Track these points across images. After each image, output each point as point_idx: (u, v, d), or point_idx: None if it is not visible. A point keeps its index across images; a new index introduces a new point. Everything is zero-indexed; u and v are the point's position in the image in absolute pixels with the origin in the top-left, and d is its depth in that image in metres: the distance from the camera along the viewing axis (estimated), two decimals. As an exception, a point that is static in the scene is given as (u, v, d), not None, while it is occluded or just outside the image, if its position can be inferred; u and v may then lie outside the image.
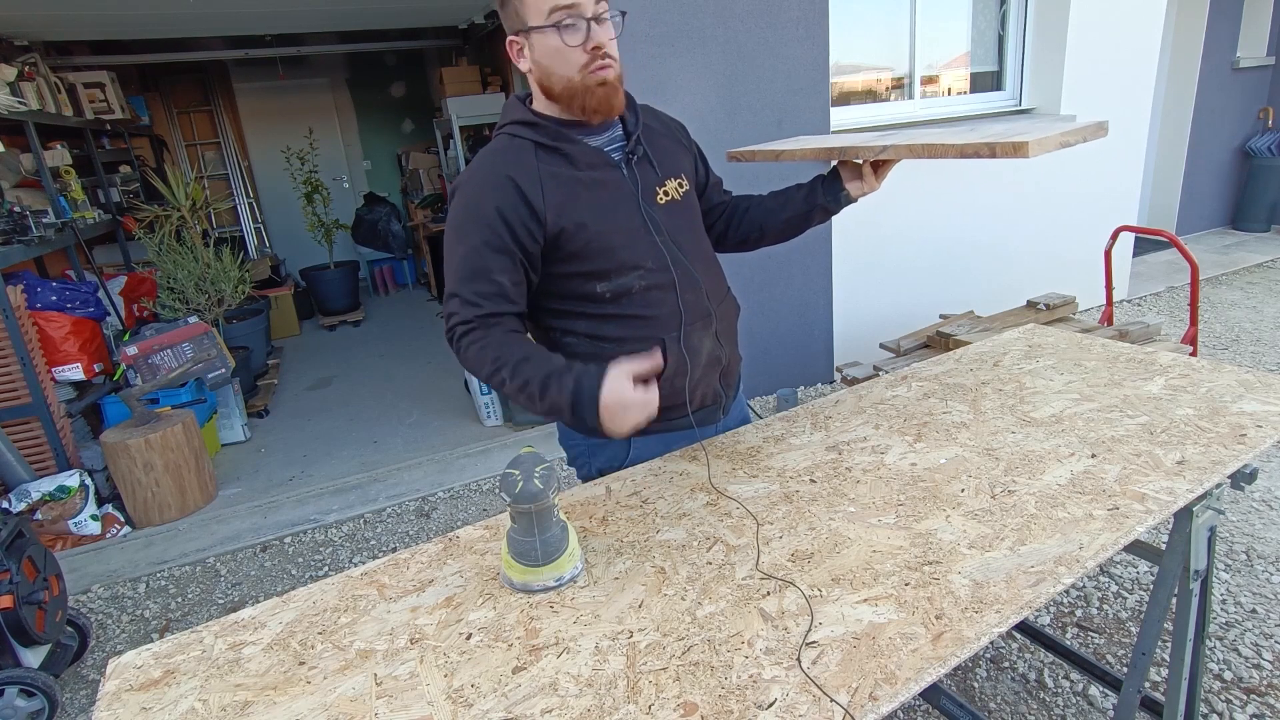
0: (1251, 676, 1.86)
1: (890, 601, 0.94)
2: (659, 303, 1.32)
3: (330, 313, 6.30)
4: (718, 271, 1.46)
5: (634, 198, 1.30)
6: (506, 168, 1.23)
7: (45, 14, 4.13)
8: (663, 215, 1.33)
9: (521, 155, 1.24)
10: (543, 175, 1.23)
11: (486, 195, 1.22)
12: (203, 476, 3.26)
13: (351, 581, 1.11)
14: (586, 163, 1.27)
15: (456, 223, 1.25)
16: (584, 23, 1.17)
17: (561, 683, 0.86)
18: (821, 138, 1.16)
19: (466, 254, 1.22)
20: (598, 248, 1.27)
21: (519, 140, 1.26)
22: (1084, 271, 4.48)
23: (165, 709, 0.89)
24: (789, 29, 3.34)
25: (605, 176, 1.28)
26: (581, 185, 1.26)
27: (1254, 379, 1.47)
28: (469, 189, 1.25)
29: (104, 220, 4.69)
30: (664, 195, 1.34)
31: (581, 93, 1.21)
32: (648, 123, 1.38)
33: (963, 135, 1.22)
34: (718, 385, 1.46)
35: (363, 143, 7.56)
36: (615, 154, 1.31)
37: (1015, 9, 4.20)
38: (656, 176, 1.34)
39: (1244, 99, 6.06)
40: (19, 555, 2.07)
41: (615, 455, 1.42)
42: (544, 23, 1.17)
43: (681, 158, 1.42)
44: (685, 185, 1.40)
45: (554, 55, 1.19)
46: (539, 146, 1.25)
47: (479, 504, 3.10)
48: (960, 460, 1.28)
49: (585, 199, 1.25)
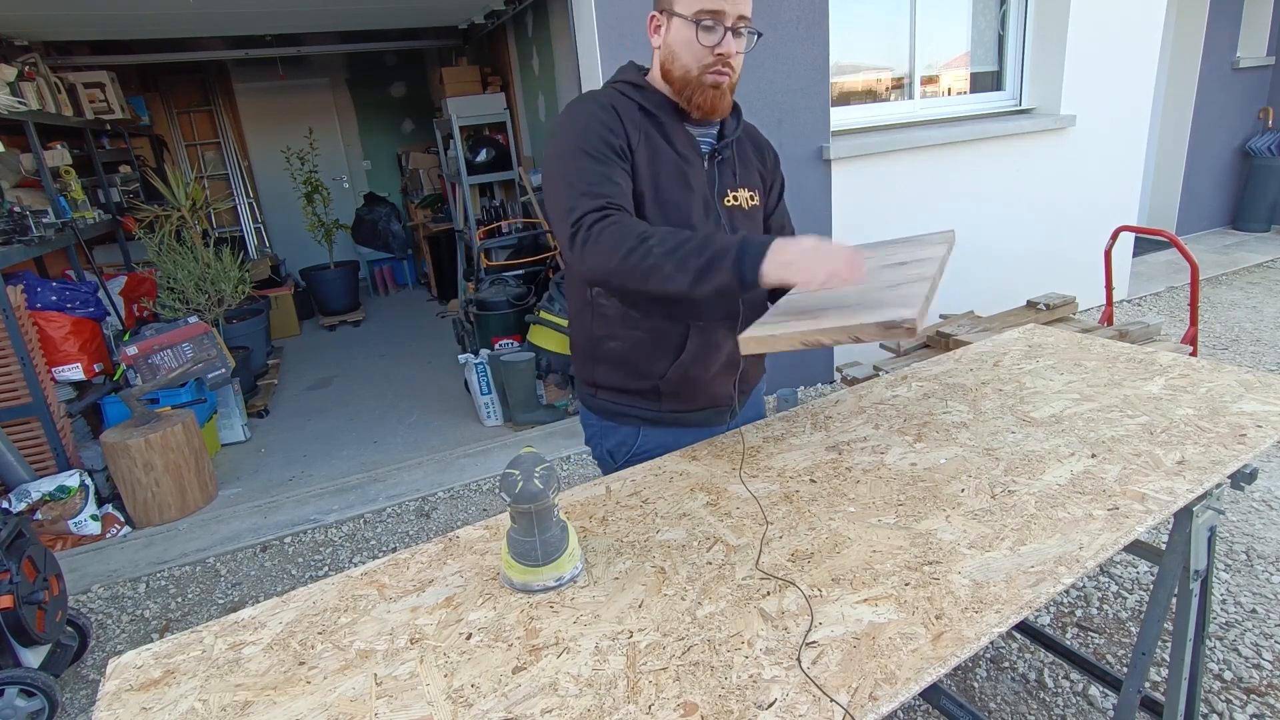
0: (1251, 676, 1.86)
1: (890, 601, 0.94)
2: None
3: (330, 313, 6.30)
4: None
5: (705, 189, 1.37)
6: (613, 102, 1.31)
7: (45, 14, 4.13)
8: (727, 215, 1.40)
9: (627, 105, 1.32)
10: (642, 124, 1.31)
11: (596, 115, 1.28)
12: (203, 476, 3.26)
13: (351, 581, 1.11)
14: (679, 139, 1.34)
15: (569, 137, 1.27)
16: (722, 29, 1.25)
17: (561, 683, 0.86)
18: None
19: (583, 160, 1.24)
20: (661, 214, 1.32)
21: (625, 97, 1.33)
22: (1084, 271, 4.48)
23: (165, 709, 0.89)
24: (789, 29, 3.34)
25: (689, 160, 1.34)
26: (666, 156, 1.32)
27: (1254, 379, 1.47)
28: (578, 115, 1.29)
29: (104, 220, 4.69)
30: (733, 199, 1.40)
31: (695, 87, 1.29)
32: (746, 140, 1.46)
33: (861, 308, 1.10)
34: (731, 388, 1.49)
35: (363, 143, 7.55)
36: (705, 146, 1.38)
37: (1015, 9, 4.20)
38: (732, 181, 1.41)
39: (1244, 99, 6.06)
40: (19, 555, 2.07)
41: (625, 439, 1.47)
42: (688, 15, 1.25)
43: (758, 178, 1.47)
44: (755, 200, 1.45)
45: (685, 45, 1.27)
46: (642, 109, 1.33)
47: (479, 504, 3.10)
48: (960, 460, 1.28)
49: (664, 169, 1.32)
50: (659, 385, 1.41)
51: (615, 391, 1.46)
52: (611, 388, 1.46)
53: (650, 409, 1.45)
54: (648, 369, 1.40)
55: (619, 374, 1.44)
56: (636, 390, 1.44)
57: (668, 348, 1.39)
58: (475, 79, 5.64)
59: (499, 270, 4.72)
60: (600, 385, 1.47)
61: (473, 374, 3.78)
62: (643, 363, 1.40)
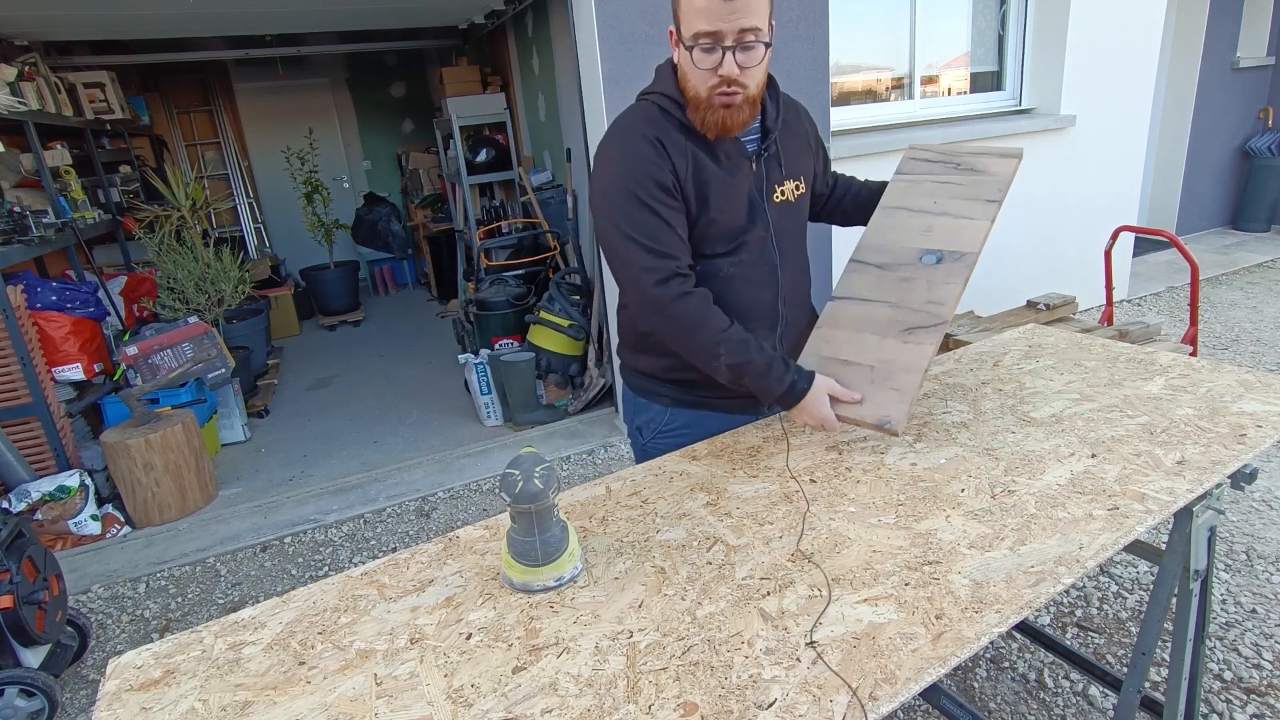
0: (1251, 676, 1.86)
1: (890, 601, 0.94)
2: (738, 292, 1.38)
3: (330, 313, 6.30)
4: (803, 279, 1.53)
5: (754, 192, 1.36)
6: (654, 131, 1.29)
7: (45, 14, 4.12)
8: (774, 214, 1.39)
9: (668, 127, 1.31)
10: (687, 149, 1.30)
11: (648, 154, 1.27)
12: (203, 476, 3.26)
13: (351, 581, 1.11)
14: (724, 151, 1.33)
15: (623, 180, 1.28)
16: (720, 50, 1.20)
17: (561, 683, 0.86)
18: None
19: (643, 210, 1.26)
20: (707, 232, 1.33)
21: (666, 115, 1.31)
22: (1084, 271, 4.48)
23: (165, 709, 0.89)
24: (789, 29, 3.34)
25: (736, 166, 1.34)
26: (712, 170, 1.31)
27: (1254, 379, 1.47)
28: (624, 153, 1.29)
29: (104, 220, 4.68)
30: (780, 195, 1.40)
31: (704, 108, 1.26)
32: (788, 120, 1.43)
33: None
34: None
35: (363, 143, 7.55)
36: (751, 145, 1.36)
37: (1015, 9, 4.20)
38: (779, 175, 1.40)
39: (1244, 99, 6.06)
40: (19, 555, 2.07)
41: (654, 418, 1.52)
42: (686, 40, 1.22)
43: (806, 159, 1.47)
44: (802, 188, 1.45)
45: (689, 67, 1.25)
46: (683, 124, 1.31)
47: (479, 504, 3.10)
48: (960, 460, 1.28)
49: (713, 184, 1.31)
50: (697, 378, 1.42)
51: (650, 377, 1.50)
52: (649, 374, 1.50)
53: (684, 394, 1.48)
54: (689, 363, 1.41)
55: (661, 364, 1.47)
56: (675, 380, 1.47)
57: None
58: (475, 79, 5.63)
59: (499, 270, 4.72)
60: (640, 371, 1.52)
61: (473, 374, 3.78)
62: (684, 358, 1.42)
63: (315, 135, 7.03)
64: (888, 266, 1.38)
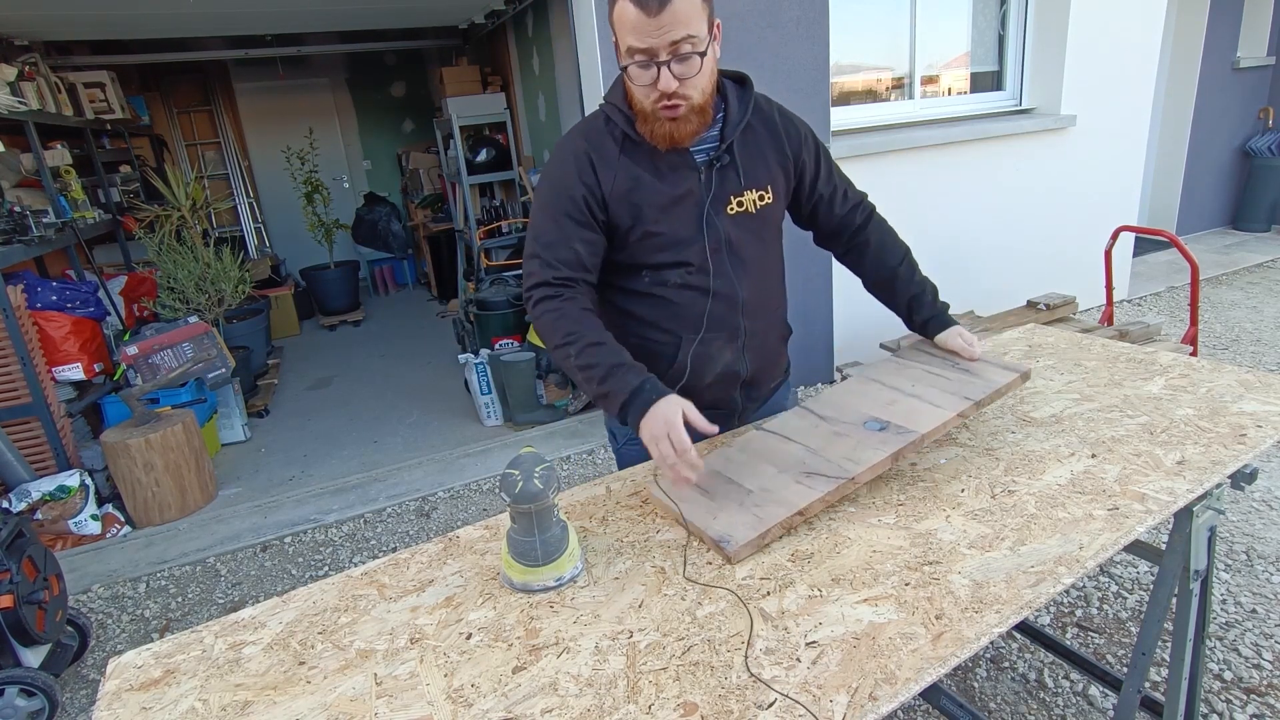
0: (1251, 676, 1.86)
1: (890, 601, 0.94)
2: (690, 303, 1.36)
3: (330, 312, 6.30)
4: (771, 291, 1.47)
5: (701, 204, 1.32)
6: (590, 145, 1.29)
7: (45, 14, 4.13)
8: (728, 225, 1.34)
9: (607, 138, 1.30)
10: (620, 163, 1.29)
11: (569, 168, 1.29)
12: (203, 476, 3.26)
13: (351, 581, 1.11)
14: (667, 163, 1.30)
15: (542, 190, 1.32)
16: (655, 66, 1.17)
17: (561, 682, 0.86)
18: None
19: (549, 220, 1.29)
20: (652, 243, 1.31)
21: (611, 124, 1.31)
22: (1084, 271, 4.48)
23: (165, 708, 0.89)
24: (789, 29, 3.34)
25: (680, 180, 1.30)
26: (649, 183, 1.29)
27: (1254, 379, 1.47)
28: (557, 159, 1.32)
29: (104, 220, 4.68)
30: (737, 206, 1.34)
31: (650, 121, 1.25)
32: (755, 126, 1.36)
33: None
34: (735, 395, 1.47)
35: (363, 142, 7.55)
36: (701, 156, 1.31)
37: (1015, 9, 4.20)
38: (737, 185, 1.34)
39: (1244, 99, 6.06)
40: (19, 555, 2.07)
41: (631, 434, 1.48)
42: (623, 57, 1.20)
43: (774, 169, 1.38)
44: (767, 198, 1.37)
45: (631, 82, 1.24)
46: (626, 136, 1.29)
47: (479, 504, 3.10)
48: (960, 460, 1.28)
49: (652, 197, 1.29)
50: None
51: None
52: None
53: None
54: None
55: None
56: None
57: (662, 356, 1.39)
58: (475, 79, 5.63)
59: (499, 270, 4.72)
60: None
61: (473, 374, 3.78)
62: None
63: (315, 135, 7.03)
64: (829, 420, 1.32)
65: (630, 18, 1.14)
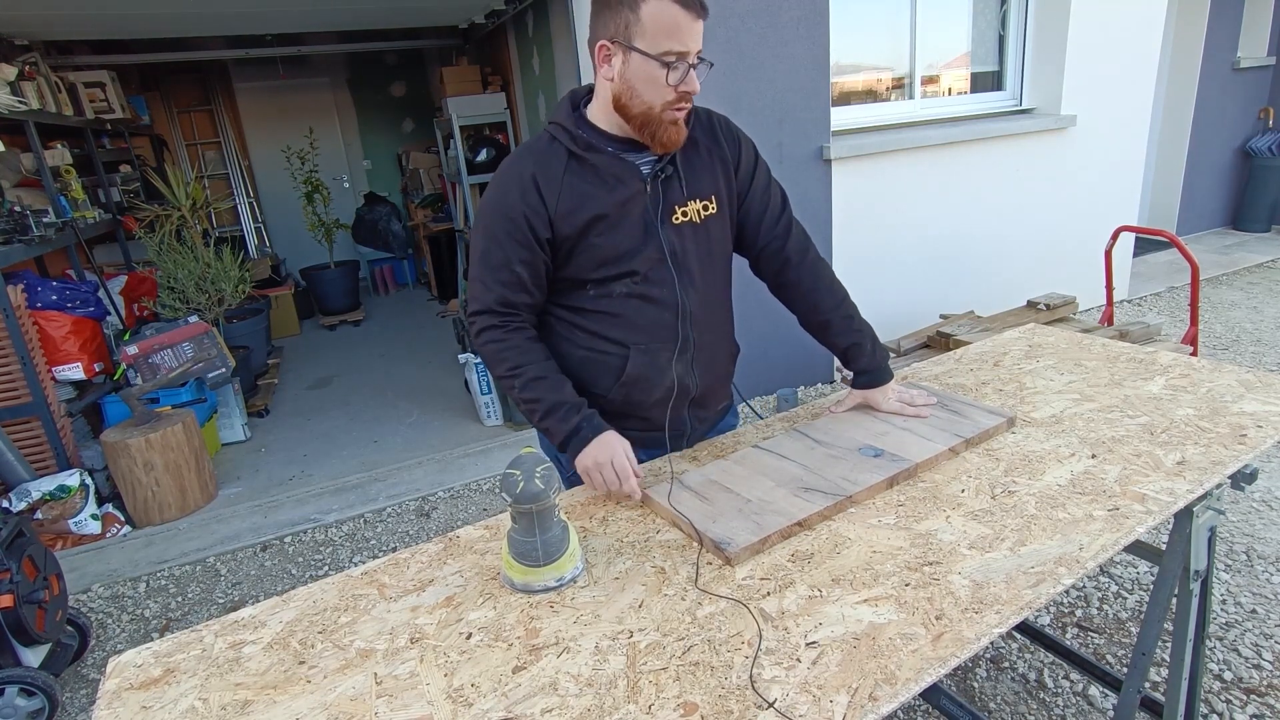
0: (1251, 676, 1.86)
1: (890, 602, 0.94)
2: (636, 312, 1.35)
3: (330, 312, 6.30)
4: (718, 305, 1.46)
5: (648, 214, 1.32)
6: (534, 166, 1.29)
7: (45, 14, 4.12)
8: (674, 235, 1.34)
9: (551, 158, 1.30)
10: (564, 182, 1.28)
11: (512, 190, 1.29)
12: (203, 476, 3.26)
13: (351, 581, 1.11)
14: (613, 175, 1.30)
15: (484, 212, 1.33)
16: (685, 67, 1.22)
17: (561, 682, 0.86)
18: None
19: (491, 243, 1.30)
20: (598, 257, 1.31)
21: (555, 143, 1.31)
22: (1084, 271, 4.48)
23: (165, 708, 0.89)
24: (789, 29, 3.34)
25: (627, 191, 1.30)
26: (599, 198, 1.29)
27: (1254, 379, 1.47)
28: (499, 182, 1.32)
29: (104, 220, 4.68)
30: (682, 216, 1.35)
31: (655, 123, 1.25)
32: (696, 139, 1.37)
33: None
34: (684, 415, 1.45)
35: (363, 142, 7.55)
36: (646, 168, 1.32)
37: (1015, 9, 4.20)
38: (680, 196, 1.35)
39: (1244, 99, 6.06)
40: (19, 554, 2.07)
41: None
42: (653, 54, 1.20)
43: (718, 180, 1.39)
44: (711, 209, 1.38)
45: (647, 82, 1.22)
46: (571, 154, 1.29)
47: (479, 504, 3.10)
48: (960, 460, 1.28)
49: (596, 210, 1.28)
50: (603, 405, 1.38)
51: None
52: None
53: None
54: (593, 386, 1.38)
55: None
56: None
57: (610, 367, 1.37)
58: (475, 79, 5.63)
59: (499, 270, 4.70)
60: None
61: (473, 374, 3.78)
62: (588, 380, 1.38)
63: (315, 135, 7.03)
64: (825, 444, 1.35)
65: (675, 19, 1.18)
